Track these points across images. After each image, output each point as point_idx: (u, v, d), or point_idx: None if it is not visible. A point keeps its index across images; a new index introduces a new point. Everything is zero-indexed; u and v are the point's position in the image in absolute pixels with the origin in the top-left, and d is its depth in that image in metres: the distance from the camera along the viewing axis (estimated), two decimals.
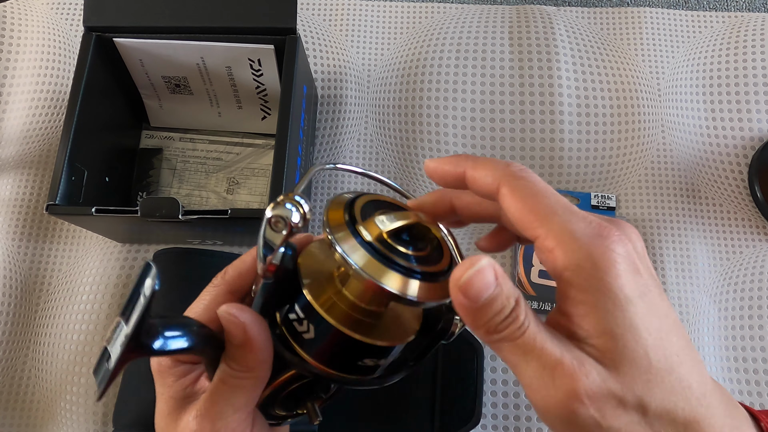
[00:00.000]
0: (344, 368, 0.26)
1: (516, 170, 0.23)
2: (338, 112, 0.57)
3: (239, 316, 0.25)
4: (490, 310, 0.20)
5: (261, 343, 0.25)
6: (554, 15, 0.60)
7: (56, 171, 0.41)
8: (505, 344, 0.21)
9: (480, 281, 0.20)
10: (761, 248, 0.53)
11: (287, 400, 0.28)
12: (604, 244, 0.20)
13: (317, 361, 0.25)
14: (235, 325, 0.25)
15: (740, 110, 0.55)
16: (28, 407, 0.48)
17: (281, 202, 0.22)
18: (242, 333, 0.25)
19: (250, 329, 0.25)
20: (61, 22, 0.59)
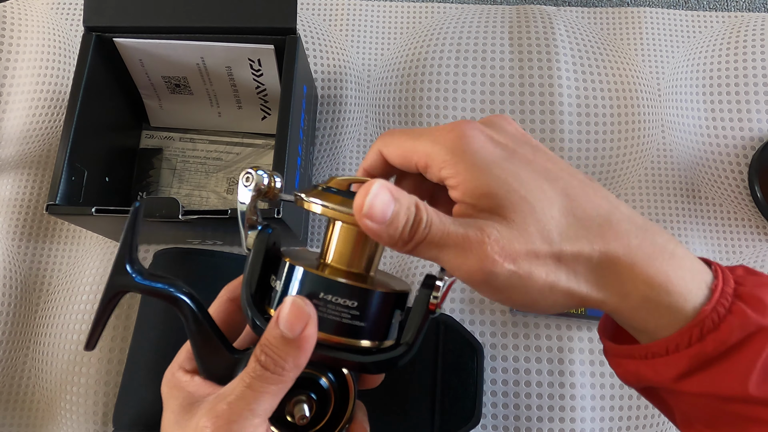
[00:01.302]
0: (325, 325, 0.25)
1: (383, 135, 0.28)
2: (338, 112, 0.57)
3: (307, 307, 0.24)
4: (397, 223, 0.22)
5: (312, 344, 0.24)
6: (554, 15, 0.60)
7: (56, 171, 0.41)
8: (421, 246, 0.23)
9: (379, 203, 0.22)
10: (761, 248, 0.52)
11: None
12: (457, 133, 0.24)
13: None
14: (300, 315, 0.24)
15: (740, 110, 0.55)
16: (28, 407, 0.48)
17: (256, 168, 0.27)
18: (303, 326, 0.24)
19: (312, 327, 0.24)
20: (61, 22, 0.59)
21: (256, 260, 0.27)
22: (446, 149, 0.24)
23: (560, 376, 0.47)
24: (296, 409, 0.27)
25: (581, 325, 0.49)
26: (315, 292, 0.25)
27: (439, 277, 0.27)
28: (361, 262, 0.27)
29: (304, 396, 0.27)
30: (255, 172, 0.27)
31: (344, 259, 0.27)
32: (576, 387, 0.46)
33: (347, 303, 0.25)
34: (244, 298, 0.27)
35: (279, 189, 0.28)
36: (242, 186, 0.27)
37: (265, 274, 0.27)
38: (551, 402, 0.46)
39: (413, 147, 0.25)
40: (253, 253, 0.27)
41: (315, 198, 0.26)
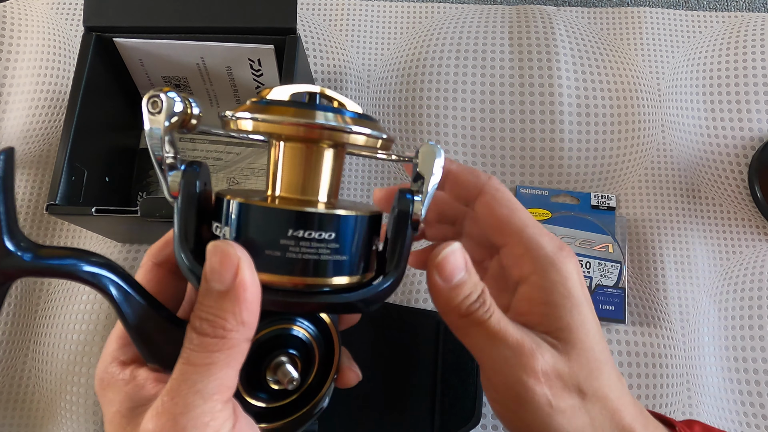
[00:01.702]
0: (301, 268, 0.21)
1: (497, 182, 0.26)
2: None
3: (233, 249, 0.20)
4: (461, 291, 0.22)
5: (252, 290, 0.20)
6: (554, 15, 0.60)
7: (56, 171, 0.41)
8: (473, 329, 0.23)
9: (454, 261, 0.22)
10: (761, 248, 0.52)
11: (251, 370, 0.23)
12: (565, 257, 0.24)
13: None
14: (227, 260, 0.20)
15: (740, 110, 0.55)
16: (28, 407, 0.48)
17: (166, 90, 0.22)
18: (234, 272, 0.20)
19: (245, 270, 0.20)
20: (61, 22, 0.59)
21: (187, 206, 0.22)
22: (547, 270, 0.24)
23: None
24: (280, 373, 0.23)
25: None
26: (280, 232, 0.21)
27: (415, 189, 0.24)
28: (320, 188, 0.23)
29: (285, 356, 0.23)
30: (164, 95, 0.21)
31: (297, 187, 0.23)
32: None
33: (323, 236, 0.21)
34: (182, 257, 0.21)
35: (198, 116, 0.23)
36: (147, 113, 0.22)
37: (201, 222, 0.22)
38: None
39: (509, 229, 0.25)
40: (182, 198, 0.22)
41: (246, 113, 0.21)
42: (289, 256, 0.21)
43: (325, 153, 0.23)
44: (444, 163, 0.25)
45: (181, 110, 0.22)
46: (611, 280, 0.49)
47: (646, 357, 0.47)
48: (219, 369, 0.19)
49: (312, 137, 0.22)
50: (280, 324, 0.23)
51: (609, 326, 0.49)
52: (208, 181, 0.24)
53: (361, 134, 0.22)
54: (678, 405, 0.47)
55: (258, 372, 0.23)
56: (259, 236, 0.21)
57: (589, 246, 0.51)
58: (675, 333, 0.49)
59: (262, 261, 0.21)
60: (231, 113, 0.22)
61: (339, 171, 0.24)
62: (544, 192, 0.54)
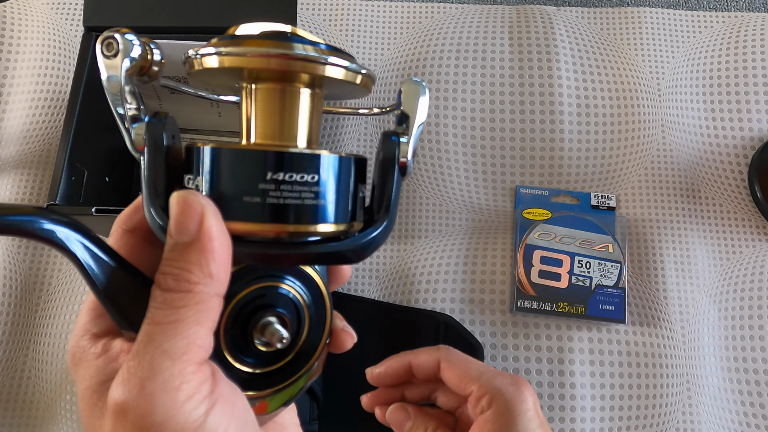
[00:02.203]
0: (283, 215, 0.20)
1: (445, 349, 0.34)
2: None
3: (195, 197, 0.19)
4: None
5: (220, 240, 0.19)
6: (554, 15, 0.60)
7: (56, 171, 0.41)
8: None
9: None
10: (761, 248, 0.53)
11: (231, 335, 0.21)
12: (519, 392, 0.30)
13: (231, 218, 0.19)
14: (189, 208, 0.18)
15: (740, 110, 0.55)
16: (28, 407, 0.48)
17: (122, 31, 0.20)
18: (197, 222, 0.18)
19: (210, 218, 0.18)
20: (61, 22, 0.59)
21: (155, 160, 0.20)
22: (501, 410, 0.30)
23: (560, 376, 0.47)
24: (268, 332, 0.21)
25: (581, 325, 0.49)
26: (258, 176, 0.19)
27: (400, 131, 0.23)
28: (297, 132, 0.22)
29: (272, 315, 0.21)
30: (120, 35, 0.20)
31: (273, 133, 0.21)
32: (576, 387, 0.46)
33: (305, 178, 0.20)
34: (152, 213, 0.20)
35: (159, 62, 0.21)
36: (102, 58, 0.20)
37: (171, 179, 0.21)
38: (551, 402, 0.46)
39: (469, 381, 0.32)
40: (149, 151, 0.20)
41: (211, 48, 0.20)
42: (269, 202, 0.19)
43: (302, 94, 0.21)
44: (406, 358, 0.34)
45: (140, 54, 0.20)
46: (611, 280, 0.49)
47: (646, 357, 0.47)
48: (187, 326, 0.18)
49: (285, 70, 0.20)
50: (266, 281, 0.22)
51: (609, 326, 0.49)
52: (176, 135, 0.22)
53: (339, 66, 0.20)
54: (678, 405, 0.47)
55: (244, 333, 0.21)
56: (235, 182, 0.20)
57: (589, 246, 0.51)
58: (675, 333, 0.49)
59: (241, 209, 0.20)
60: (193, 51, 0.20)
61: (317, 116, 0.22)
62: (544, 192, 0.54)
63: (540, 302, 0.49)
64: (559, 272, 0.50)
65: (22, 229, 0.18)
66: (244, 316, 0.21)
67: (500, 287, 0.50)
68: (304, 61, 0.20)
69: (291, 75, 0.21)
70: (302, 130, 0.22)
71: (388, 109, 0.24)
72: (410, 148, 0.23)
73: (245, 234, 0.20)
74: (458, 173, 0.55)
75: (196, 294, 0.18)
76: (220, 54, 0.20)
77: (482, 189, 0.55)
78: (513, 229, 0.53)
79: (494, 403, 0.30)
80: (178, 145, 0.22)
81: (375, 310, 0.50)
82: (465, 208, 0.54)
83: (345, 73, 0.21)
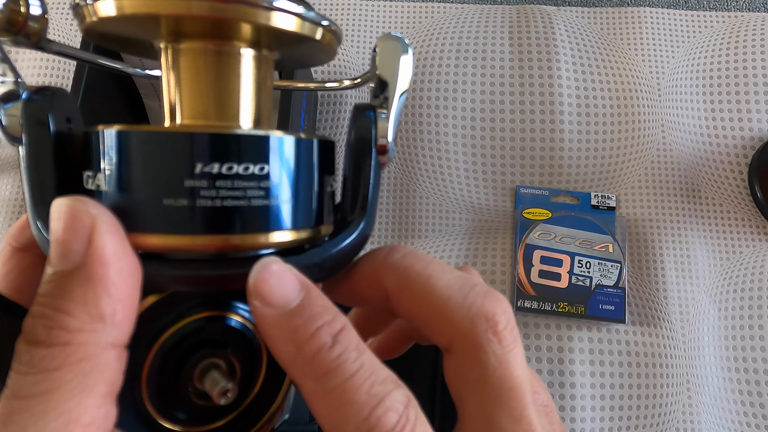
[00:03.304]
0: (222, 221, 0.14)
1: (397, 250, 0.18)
2: (338, 112, 0.57)
3: (82, 205, 0.13)
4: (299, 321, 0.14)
5: (117, 264, 0.13)
6: (554, 15, 0.60)
7: None
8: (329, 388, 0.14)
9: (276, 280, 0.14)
10: (761, 248, 0.52)
11: (159, 387, 0.16)
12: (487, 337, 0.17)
13: (146, 230, 0.14)
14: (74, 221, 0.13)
15: (740, 110, 0.55)
16: None
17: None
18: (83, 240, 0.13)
19: (102, 234, 0.13)
20: (61, 22, 0.59)
21: (37, 151, 0.15)
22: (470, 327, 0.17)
23: (560, 376, 0.47)
24: (207, 382, 0.16)
25: (581, 325, 0.49)
26: (183, 169, 0.14)
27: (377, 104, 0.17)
28: (239, 109, 0.16)
29: (212, 356, 0.16)
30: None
31: (208, 108, 0.16)
32: (576, 387, 0.46)
33: (250, 170, 0.14)
34: (37, 225, 0.15)
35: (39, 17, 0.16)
36: None
37: (66, 177, 0.16)
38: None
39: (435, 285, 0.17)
40: (29, 140, 0.15)
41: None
42: (201, 204, 0.14)
43: (242, 56, 0.16)
44: None
45: (4, 3, 0.15)
46: (611, 280, 0.49)
47: (646, 357, 0.47)
48: (65, 398, 0.12)
49: (216, 17, 0.14)
50: (205, 311, 0.16)
51: (609, 326, 0.49)
52: (74, 117, 0.16)
53: (290, 12, 0.15)
54: (678, 405, 0.47)
55: (176, 382, 0.16)
56: (152, 180, 0.14)
57: (589, 246, 0.51)
58: (675, 333, 0.49)
59: (162, 216, 0.14)
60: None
61: (267, 86, 0.17)
62: (544, 192, 0.54)
63: (540, 302, 0.49)
64: (559, 272, 0.50)
65: None
66: (176, 358, 0.16)
67: (500, 287, 0.50)
68: (240, 4, 0.14)
69: (225, 26, 0.15)
70: (246, 105, 0.16)
71: (360, 80, 0.19)
72: (390, 126, 0.17)
73: (170, 250, 0.15)
74: (458, 173, 0.55)
75: (78, 347, 0.13)
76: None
77: (482, 189, 0.55)
78: (513, 229, 0.53)
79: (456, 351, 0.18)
80: (76, 129, 0.16)
81: None
82: (465, 208, 0.54)
83: (299, 23, 0.15)
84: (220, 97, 0.16)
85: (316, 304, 0.15)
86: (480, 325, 0.16)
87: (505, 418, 0.16)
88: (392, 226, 0.54)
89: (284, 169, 0.15)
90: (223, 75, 0.16)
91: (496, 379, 0.16)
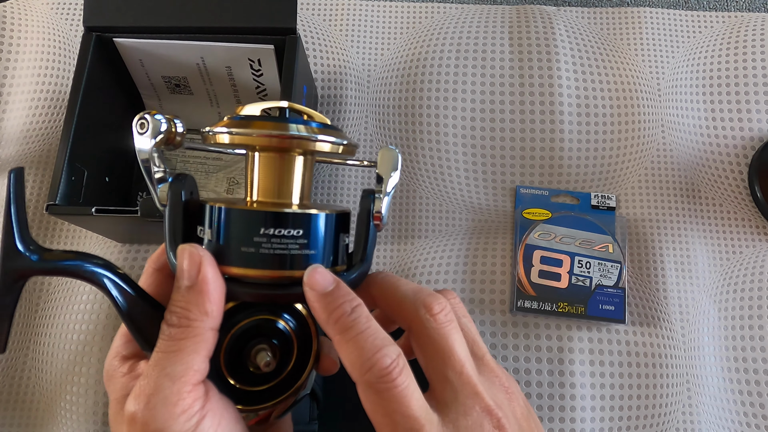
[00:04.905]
0: (273, 262, 0.24)
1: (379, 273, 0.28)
2: (338, 112, 0.57)
3: (196, 250, 0.23)
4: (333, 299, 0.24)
5: (214, 284, 0.23)
6: (554, 15, 0.60)
7: (56, 171, 0.41)
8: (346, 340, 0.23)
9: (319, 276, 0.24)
10: (761, 248, 0.53)
11: (230, 358, 0.26)
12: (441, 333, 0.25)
13: (231, 264, 0.24)
14: (191, 258, 0.23)
15: (740, 110, 0.55)
16: (28, 407, 0.48)
17: (154, 113, 0.25)
18: (196, 270, 0.23)
19: (206, 267, 0.23)
20: (61, 22, 0.59)
21: (175, 213, 0.25)
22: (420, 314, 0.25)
23: (560, 376, 0.47)
24: (258, 357, 0.25)
25: (581, 325, 0.49)
26: (253, 231, 0.24)
27: (377, 189, 0.26)
28: (292, 191, 0.26)
29: (264, 343, 0.26)
30: (151, 117, 0.25)
31: (272, 192, 0.26)
32: (576, 387, 0.46)
33: (291, 233, 0.24)
34: (172, 257, 0.24)
35: (182, 134, 0.26)
36: (137, 134, 0.25)
37: (189, 228, 0.25)
38: (551, 402, 0.46)
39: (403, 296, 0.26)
40: (170, 207, 0.25)
41: (223, 128, 0.25)
42: (262, 252, 0.24)
43: (296, 161, 0.26)
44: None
45: (165, 129, 0.25)
46: (611, 280, 0.49)
47: (646, 357, 0.47)
48: (186, 355, 0.22)
49: (282, 147, 0.25)
50: (261, 315, 0.26)
51: (609, 326, 0.49)
52: (194, 191, 0.27)
53: (326, 141, 0.25)
54: (678, 405, 0.47)
55: (240, 357, 0.26)
56: (234, 235, 0.24)
57: (589, 246, 0.51)
58: (675, 333, 0.49)
59: (239, 257, 0.24)
60: (209, 129, 0.25)
61: (309, 176, 0.27)
62: (544, 192, 0.54)
63: (540, 302, 0.49)
64: (559, 272, 0.50)
65: (72, 272, 0.24)
66: (241, 343, 0.26)
67: (500, 287, 0.50)
68: (297, 139, 0.25)
69: (287, 148, 0.25)
70: (296, 188, 0.26)
71: (368, 164, 0.29)
72: (384, 205, 0.26)
73: (244, 276, 0.24)
74: (458, 173, 0.55)
75: (194, 329, 0.23)
76: (230, 134, 0.24)
77: (482, 189, 0.55)
78: (513, 229, 0.53)
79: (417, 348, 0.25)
80: (197, 197, 0.27)
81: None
82: (465, 208, 0.54)
83: (331, 146, 0.25)
84: (281, 184, 0.26)
85: (342, 290, 0.24)
86: (420, 309, 0.25)
87: (450, 372, 0.24)
88: (392, 226, 0.54)
89: (311, 232, 0.25)
90: (283, 171, 0.26)
91: (438, 345, 0.24)
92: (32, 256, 0.23)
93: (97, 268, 0.24)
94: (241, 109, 0.26)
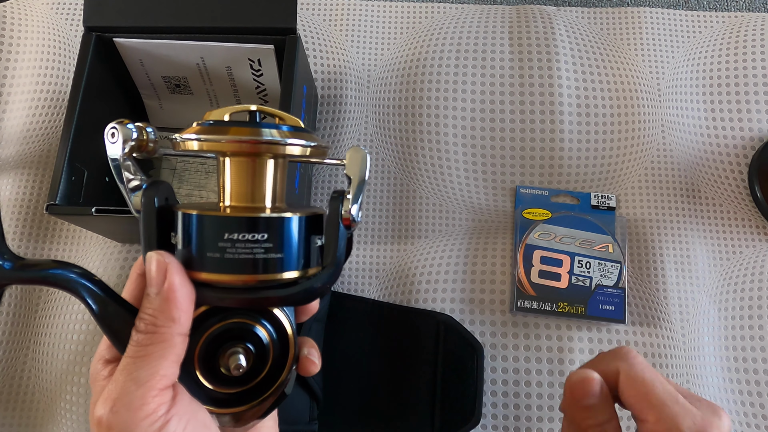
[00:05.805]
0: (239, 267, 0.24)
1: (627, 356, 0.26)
2: (338, 112, 0.57)
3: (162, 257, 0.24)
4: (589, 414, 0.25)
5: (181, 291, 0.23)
6: (554, 15, 0.60)
7: (56, 171, 0.41)
8: None
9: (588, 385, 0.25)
10: (761, 248, 0.53)
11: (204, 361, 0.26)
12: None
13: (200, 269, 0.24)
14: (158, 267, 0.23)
15: (740, 110, 0.55)
16: (28, 407, 0.48)
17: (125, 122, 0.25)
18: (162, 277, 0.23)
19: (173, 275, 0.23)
20: (61, 22, 0.59)
21: (149, 220, 0.25)
22: None
23: (560, 376, 0.47)
24: (230, 360, 0.25)
25: (581, 325, 0.49)
26: (217, 236, 0.24)
27: (348, 190, 0.26)
28: (264, 195, 0.26)
29: (239, 347, 0.26)
30: (121, 126, 0.25)
31: (244, 196, 0.26)
32: None
33: (255, 237, 0.24)
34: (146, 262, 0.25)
35: (155, 140, 0.26)
36: (108, 143, 0.25)
37: (164, 234, 0.25)
38: (551, 402, 0.46)
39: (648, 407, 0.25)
40: (143, 214, 0.25)
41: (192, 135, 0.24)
42: (227, 257, 0.24)
43: (267, 164, 0.26)
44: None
45: (135, 138, 0.25)
46: (611, 280, 0.49)
47: (646, 357, 0.47)
48: (152, 360, 0.23)
49: (252, 151, 0.25)
50: (235, 318, 0.26)
51: (609, 326, 0.49)
52: (170, 196, 0.27)
53: (295, 145, 0.25)
54: None
55: (213, 360, 0.26)
56: (200, 241, 0.24)
57: (589, 246, 0.51)
58: (675, 333, 0.49)
59: (207, 262, 0.24)
60: (178, 136, 0.25)
61: (282, 178, 0.27)
62: (544, 192, 0.54)
63: (540, 302, 0.49)
64: (559, 272, 0.50)
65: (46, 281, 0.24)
66: (215, 346, 0.26)
67: (500, 287, 0.50)
68: (268, 144, 0.25)
69: (257, 153, 0.25)
70: (268, 191, 0.26)
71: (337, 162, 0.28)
72: (353, 205, 0.26)
73: (211, 281, 0.24)
74: (458, 173, 0.55)
75: (161, 335, 0.23)
76: (199, 140, 0.24)
77: (482, 189, 0.55)
78: (513, 229, 0.53)
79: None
80: (173, 203, 0.26)
81: (375, 310, 0.50)
82: (465, 208, 0.54)
83: (301, 150, 0.25)
84: (252, 187, 0.26)
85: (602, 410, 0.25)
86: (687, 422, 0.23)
87: None
88: (392, 226, 0.54)
89: (277, 236, 0.24)
90: (254, 174, 0.26)
91: None
92: (5, 264, 0.23)
93: (71, 275, 0.24)
94: (209, 114, 0.26)
